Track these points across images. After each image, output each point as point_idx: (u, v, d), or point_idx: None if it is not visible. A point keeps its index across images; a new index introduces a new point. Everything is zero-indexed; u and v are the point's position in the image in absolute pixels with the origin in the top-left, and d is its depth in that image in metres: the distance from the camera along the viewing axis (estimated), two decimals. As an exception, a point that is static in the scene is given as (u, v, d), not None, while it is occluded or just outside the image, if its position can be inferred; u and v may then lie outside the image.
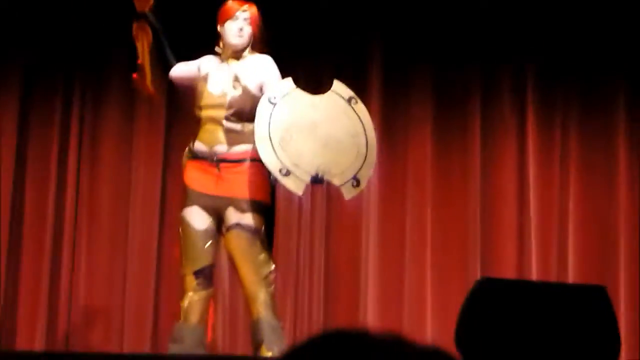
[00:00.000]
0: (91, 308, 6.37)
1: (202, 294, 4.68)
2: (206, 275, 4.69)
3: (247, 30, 4.71)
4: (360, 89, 6.42)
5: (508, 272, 6.38)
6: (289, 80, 4.62)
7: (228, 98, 4.68)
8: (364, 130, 4.51)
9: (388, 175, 6.46)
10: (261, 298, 4.58)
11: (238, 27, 4.70)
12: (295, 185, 4.42)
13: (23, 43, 6.46)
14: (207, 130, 4.68)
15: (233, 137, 4.64)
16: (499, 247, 6.49)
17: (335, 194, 6.33)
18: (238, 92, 4.69)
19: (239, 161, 4.63)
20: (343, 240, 6.48)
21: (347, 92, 4.57)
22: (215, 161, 4.63)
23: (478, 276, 6.22)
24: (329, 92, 4.57)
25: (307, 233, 6.44)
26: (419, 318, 6.37)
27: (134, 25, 4.69)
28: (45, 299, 6.30)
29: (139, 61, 4.71)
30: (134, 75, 4.76)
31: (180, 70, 4.83)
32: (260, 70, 4.72)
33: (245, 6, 4.74)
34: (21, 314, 6.33)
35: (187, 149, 4.76)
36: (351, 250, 6.46)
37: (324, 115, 4.47)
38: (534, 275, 6.35)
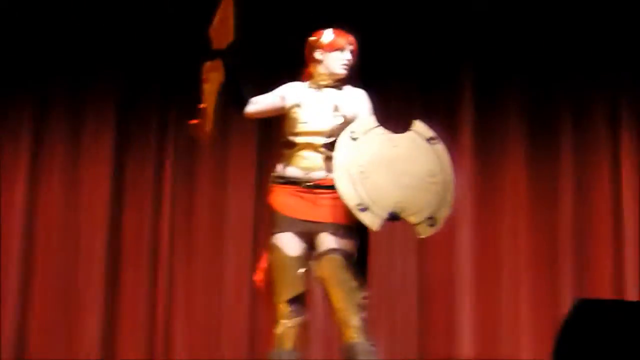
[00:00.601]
0: (188, 334, 6.47)
1: (296, 320, 4.66)
2: (300, 303, 4.67)
3: (351, 62, 4.77)
4: (452, 114, 6.49)
5: (603, 292, 6.31)
6: (372, 117, 4.65)
7: (329, 126, 4.71)
8: (443, 170, 4.51)
9: (483, 196, 6.49)
10: (354, 324, 4.55)
11: (346, 58, 4.74)
12: (371, 221, 4.41)
13: (117, 67, 6.61)
14: (303, 156, 4.68)
15: (330, 164, 4.62)
16: (593, 267, 6.43)
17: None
18: (339, 120, 4.69)
19: (335, 187, 4.58)
20: (437, 260, 6.48)
21: (428, 132, 4.56)
22: (312, 187, 4.64)
23: (571, 296, 6.19)
24: (410, 131, 4.58)
25: (400, 252, 6.47)
26: (514, 337, 6.34)
27: (207, 66, 4.62)
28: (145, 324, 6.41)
29: (203, 105, 4.59)
30: (194, 121, 4.60)
31: (260, 105, 4.78)
32: (356, 102, 4.74)
33: (352, 39, 4.79)
34: (122, 333, 6.46)
35: (274, 173, 4.75)
36: (445, 269, 6.47)
37: (403, 153, 4.49)
38: (630, 295, 6.27)
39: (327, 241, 4.59)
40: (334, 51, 4.72)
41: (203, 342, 6.46)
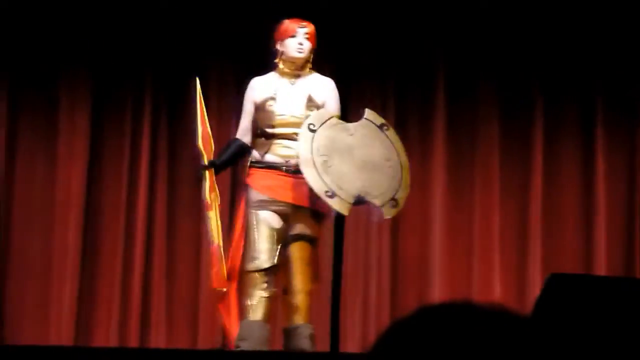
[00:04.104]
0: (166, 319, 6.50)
1: (270, 292, 4.83)
2: (274, 275, 4.84)
3: (307, 45, 4.96)
4: (427, 103, 6.55)
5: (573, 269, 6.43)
6: (326, 109, 4.85)
7: (304, 116, 4.87)
8: (397, 154, 4.75)
9: (455, 179, 6.60)
10: (305, 309, 4.80)
11: (298, 42, 4.94)
12: (340, 206, 4.62)
13: (97, 57, 6.61)
14: (281, 144, 4.89)
15: None
16: (562, 250, 6.60)
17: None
18: (313, 110, 4.90)
19: None
20: (410, 239, 6.54)
21: (379, 119, 4.83)
22: (292, 171, 4.83)
23: (541, 277, 6.29)
24: (362, 119, 4.82)
25: (375, 231, 6.57)
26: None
27: (206, 191, 4.85)
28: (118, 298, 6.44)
29: (215, 245, 4.84)
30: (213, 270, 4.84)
31: (248, 129, 4.99)
32: (325, 91, 4.96)
33: (304, 23, 4.99)
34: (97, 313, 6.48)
35: (251, 159, 4.93)
36: (418, 249, 6.53)
37: (359, 141, 4.73)
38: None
39: (300, 224, 4.84)
40: (288, 38, 4.95)
41: (180, 323, 6.49)
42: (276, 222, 4.84)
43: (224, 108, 6.42)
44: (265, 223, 4.84)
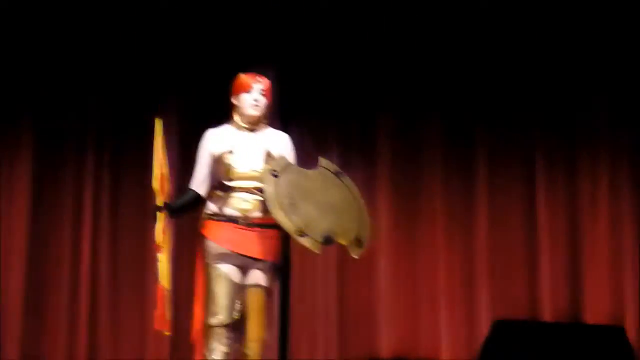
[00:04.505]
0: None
1: (232, 347, 4.87)
2: (237, 330, 4.88)
3: (263, 101, 5.00)
4: (370, 146, 6.62)
5: (518, 314, 6.47)
6: (285, 156, 4.94)
7: (262, 170, 4.90)
8: (354, 198, 4.88)
9: (401, 222, 6.66)
10: (259, 355, 4.88)
11: (254, 98, 4.98)
12: (312, 245, 4.71)
13: (38, 111, 6.61)
14: (240, 198, 4.92)
15: (265, 205, 4.85)
16: (509, 290, 6.60)
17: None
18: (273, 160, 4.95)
19: (270, 227, 4.86)
20: (356, 284, 6.61)
21: (333, 167, 4.95)
22: (251, 225, 4.88)
23: (488, 318, 6.34)
24: (318, 167, 4.91)
25: (322, 278, 6.59)
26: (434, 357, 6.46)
27: (159, 233, 4.86)
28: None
29: (161, 290, 4.86)
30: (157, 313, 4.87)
31: (205, 180, 5.00)
32: (282, 146, 5.03)
33: (259, 78, 5.00)
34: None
35: (207, 211, 4.93)
36: (365, 294, 6.59)
37: (319, 186, 4.88)
38: (545, 317, 6.45)
39: (257, 276, 4.91)
40: (243, 93, 4.98)
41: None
42: (236, 276, 4.88)
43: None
44: (226, 278, 4.87)
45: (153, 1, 6.64)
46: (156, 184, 4.87)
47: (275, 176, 4.81)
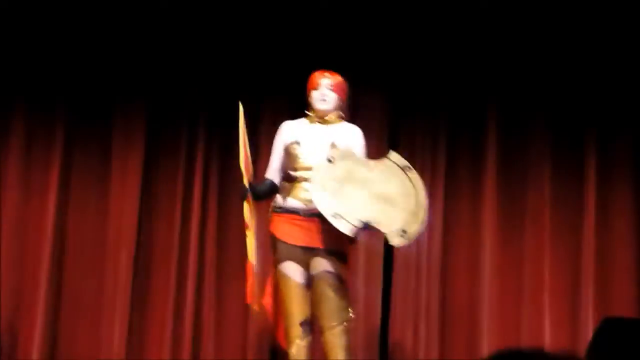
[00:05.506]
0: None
1: (307, 340, 5.08)
2: (309, 324, 5.11)
3: (331, 96, 5.25)
4: (477, 138, 6.58)
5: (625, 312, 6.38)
6: (350, 148, 5.15)
7: None
8: (416, 192, 5.01)
9: (506, 221, 6.59)
10: (342, 344, 5.04)
11: (321, 93, 5.24)
12: (344, 227, 4.89)
13: (148, 77, 6.72)
14: (303, 188, 5.12)
15: None
16: (614, 291, 6.52)
17: (451, 241, 6.45)
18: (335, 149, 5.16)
19: None
20: (459, 283, 6.56)
21: (402, 161, 5.11)
22: (310, 215, 5.07)
23: (593, 319, 6.26)
24: (385, 158, 5.11)
25: (425, 274, 6.55)
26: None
27: (247, 212, 5.12)
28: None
29: (250, 265, 5.09)
30: (248, 289, 5.08)
31: (279, 169, 5.27)
32: (350, 138, 5.23)
33: (328, 74, 5.29)
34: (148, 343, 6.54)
35: (273, 204, 5.22)
36: (468, 292, 6.53)
37: (377, 176, 5.04)
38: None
39: (321, 263, 5.09)
40: (312, 90, 5.25)
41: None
42: (299, 274, 5.10)
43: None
44: (290, 281, 5.09)
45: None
46: (242, 164, 5.10)
47: (331, 162, 5.01)
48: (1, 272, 6.46)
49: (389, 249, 6.48)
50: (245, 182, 5.13)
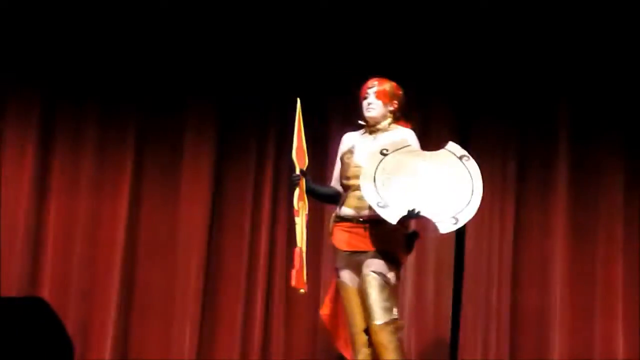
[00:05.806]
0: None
1: (372, 348, 5.08)
2: None
3: (377, 103, 5.27)
4: (549, 150, 6.51)
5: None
6: (406, 141, 5.16)
7: None
8: (472, 180, 5.00)
9: (577, 226, 6.51)
10: (386, 344, 4.98)
11: (368, 102, 5.28)
12: (389, 215, 4.90)
13: (217, 83, 6.76)
14: (355, 196, 5.16)
15: None
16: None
17: (522, 249, 6.39)
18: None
19: (381, 221, 5.00)
20: (530, 289, 6.50)
21: (460, 151, 5.11)
22: (362, 222, 5.12)
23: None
24: (442, 149, 5.11)
25: (495, 283, 6.51)
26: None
27: (298, 197, 5.17)
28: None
29: (299, 249, 5.10)
30: (293, 273, 5.07)
31: (336, 178, 5.34)
32: (402, 139, 5.20)
33: (373, 81, 5.30)
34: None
35: (333, 214, 5.28)
36: (538, 299, 6.47)
37: (431, 166, 5.05)
38: None
39: (367, 265, 5.09)
40: (362, 99, 5.31)
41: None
42: (356, 282, 5.11)
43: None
44: (349, 289, 5.13)
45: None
46: (294, 154, 5.18)
47: (384, 154, 5.04)
48: (74, 274, 6.55)
49: (459, 258, 6.46)
50: (297, 170, 5.19)
